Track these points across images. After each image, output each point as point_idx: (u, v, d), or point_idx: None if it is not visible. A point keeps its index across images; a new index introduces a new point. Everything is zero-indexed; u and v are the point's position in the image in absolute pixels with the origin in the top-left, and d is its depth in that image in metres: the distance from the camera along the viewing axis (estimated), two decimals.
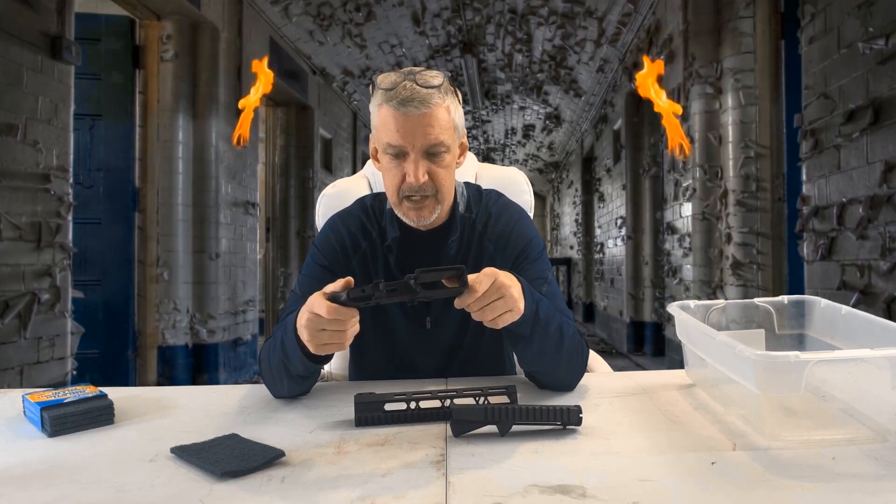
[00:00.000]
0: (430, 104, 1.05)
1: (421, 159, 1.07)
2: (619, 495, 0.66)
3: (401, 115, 1.05)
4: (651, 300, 6.40)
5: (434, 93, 1.06)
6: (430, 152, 1.08)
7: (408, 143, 1.06)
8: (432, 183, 1.09)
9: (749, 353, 0.78)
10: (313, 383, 1.09)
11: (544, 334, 1.01)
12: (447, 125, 1.08)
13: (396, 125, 1.06)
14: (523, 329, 0.99)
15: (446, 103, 1.08)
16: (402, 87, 1.05)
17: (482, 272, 0.93)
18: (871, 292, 2.67)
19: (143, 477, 0.74)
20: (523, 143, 12.72)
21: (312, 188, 7.08)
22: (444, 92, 1.08)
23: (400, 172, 1.09)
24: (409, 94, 1.04)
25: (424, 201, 1.10)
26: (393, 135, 1.07)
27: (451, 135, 1.10)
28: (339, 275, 1.17)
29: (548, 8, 6.20)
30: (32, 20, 3.06)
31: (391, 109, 1.06)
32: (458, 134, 1.13)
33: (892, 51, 2.51)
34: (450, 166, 1.12)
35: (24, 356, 3.03)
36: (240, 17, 5.25)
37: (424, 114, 1.05)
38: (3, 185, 2.91)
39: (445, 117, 1.08)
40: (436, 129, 1.06)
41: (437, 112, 1.06)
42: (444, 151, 1.09)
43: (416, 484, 0.70)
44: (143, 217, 4.53)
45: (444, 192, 1.12)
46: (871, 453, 0.77)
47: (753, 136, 4.10)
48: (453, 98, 1.11)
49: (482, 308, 0.92)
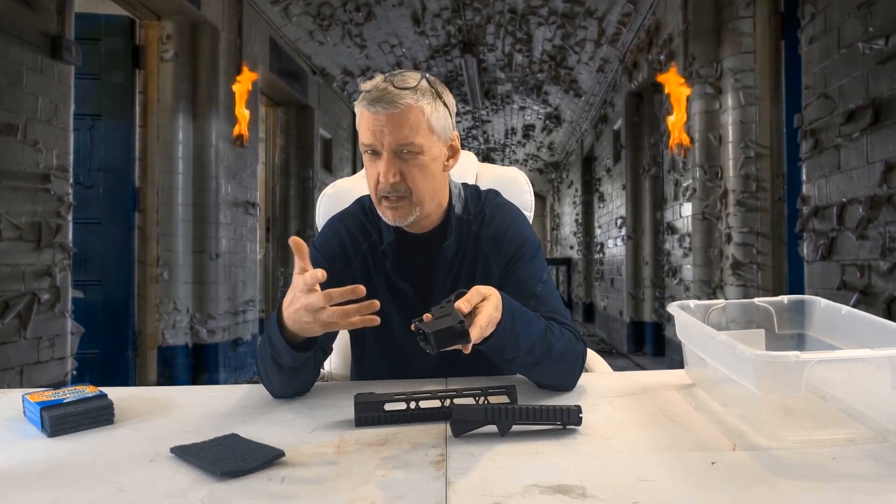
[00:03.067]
0: (398, 104, 1.05)
1: (392, 159, 1.08)
2: (619, 495, 0.66)
3: (371, 114, 1.07)
4: (651, 300, 6.40)
5: (406, 93, 1.06)
6: (400, 152, 1.08)
7: (377, 142, 1.07)
8: (405, 184, 1.09)
9: (749, 353, 0.78)
10: (308, 379, 1.08)
11: (528, 355, 1.01)
12: (419, 126, 1.07)
13: (368, 124, 1.08)
14: (503, 353, 0.99)
15: (420, 104, 1.07)
16: (377, 87, 1.07)
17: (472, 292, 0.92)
18: (871, 292, 2.67)
19: (143, 477, 0.74)
20: (523, 143, 12.72)
21: (312, 188, 7.08)
22: (420, 93, 1.08)
23: (376, 171, 1.10)
24: (381, 94, 1.06)
25: (400, 202, 1.10)
26: (365, 133, 1.09)
27: (425, 136, 1.09)
28: (340, 276, 1.17)
29: (548, 8, 6.20)
30: (32, 20, 3.06)
31: (364, 108, 1.08)
32: (437, 136, 1.11)
33: (892, 51, 2.51)
34: (425, 167, 1.10)
35: (24, 356, 3.03)
36: (240, 17, 5.25)
37: (393, 114, 1.05)
38: (3, 185, 2.91)
39: (418, 118, 1.07)
40: (405, 129, 1.06)
41: (407, 112, 1.06)
42: (417, 152, 1.08)
43: (416, 484, 0.70)
44: (143, 217, 4.53)
45: (420, 194, 1.11)
46: (871, 453, 0.77)
47: (753, 136, 4.11)
48: (433, 100, 1.10)
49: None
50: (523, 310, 1.02)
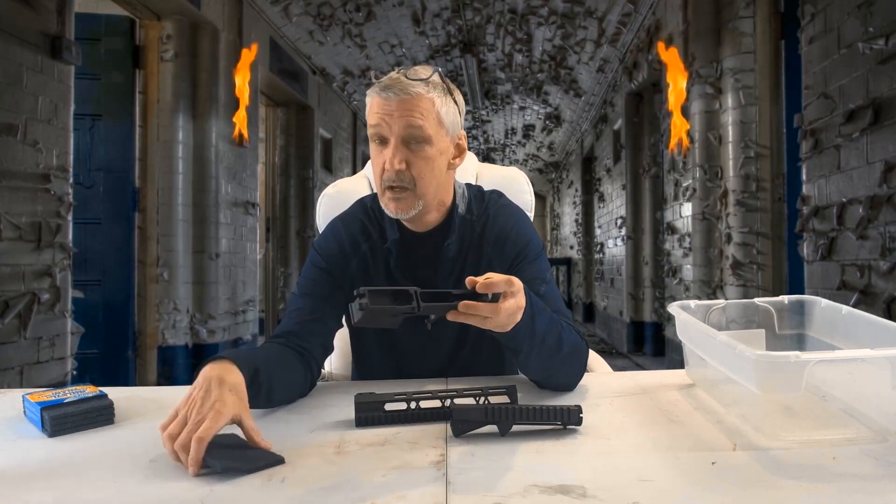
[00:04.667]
0: (410, 92, 1.06)
1: (400, 146, 1.08)
2: (619, 495, 0.66)
3: (382, 99, 1.07)
4: (651, 300, 6.40)
5: (418, 84, 1.07)
6: (408, 140, 1.08)
7: (385, 126, 1.08)
8: (410, 173, 1.09)
9: (749, 353, 0.78)
10: (285, 397, 1.03)
11: (541, 347, 1.01)
12: (429, 114, 1.08)
13: (377, 108, 1.08)
14: (519, 343, 0.99)
15: (431, 95, 1.08)
16: (390, 77, 1.09)
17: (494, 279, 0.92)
18: (871, 292, 2.67)
19: (143, 477, 0.74)
20: (523, 143, 12.72)
21: (312, 188, 7.08)
22: (431, 85, 1.09)
23: (382, 160, 1.10)
24: (393, 82, 1.07)
25: (403, 193, 1.10)
26: (373, 117, 1.09)
27: (434, 126, 1.09)
28: (339, 277, 1.18)
29: (548, 8, 6.20)
30: (32, 20, 3.06)
31: (375, 95, 1.08)
32: (446, 130, 1.12)
33: (892, 51, 2.51)
34: (431, 160, 1.10)
35: (24, 356, 3.03)
36: (240, 17, 5.25)
37: (404, 99, 1.06)
38: (3, 185, 2.91)
39: (428, 107, 1.08)
40: (414, 115, 1.06)
41: (418, 100, 1.07)
42: (424, 142, 1.08)
43: (416, 484, 0.70)
44: (143, 217, 4.53)
45: (423, 186, 1.11)
46: (871, 453, 0.77)
47: (753, 136, 4.10)
48: (444, 94, 1.10)
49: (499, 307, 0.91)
50: (539, 301, 1.03)
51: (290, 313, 1.14)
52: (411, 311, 0.89)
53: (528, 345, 0.99)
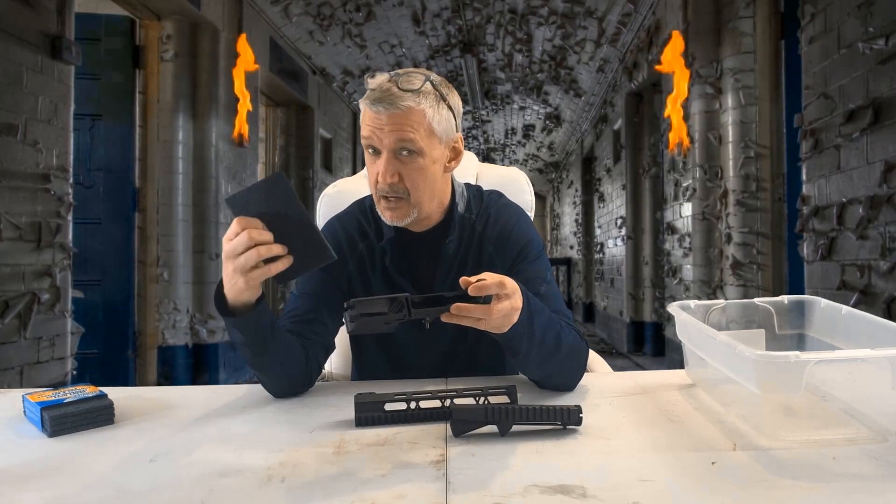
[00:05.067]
0: (399, 106, 1.05)
1: (391, 159, 1.08)
2: (619, 495, 0.66)
3: (373, 112, 1.07)
4: (651, 300, 6.40)
5: (408, 96, 1.06)
6: (399, 152, 1.08)
7: (376, 140, 1.08)
8: (403, 185, 1.09)
9: (749, 353, 0.78)
10: (292, 369, 1.05)
11: (540, 347, 1.01)
12: (420, 126, 1.07)
13: (368, 121, 1.08)
14: (517, 344, 0.99)
15: (422, 107, 1.07)
16: (381, 87, 1.07)
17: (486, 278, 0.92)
18: (871, 292, 2.67)
19: (143, 477, 0.74)
20: (523, 143, 12.72)
21: (312, 188, 7.08)
22: (422, 96, 1.07)
23: (376, 170, 1.10)
24: (383, 94, 1.06)
25: (398, 202, 1.11)
26: (365, 129, 1.09)
27: (425, 138, 1.08)
28: (336, 276, 1.18)
29: (548, 8, 6.20)
30: (32, 20, 3.06)
31: (366, 107, 1.08)
32: (438, 139, 1.11)
33: (892, 51, 2.51)
34: (424, 170, 1.10)
35: (24, 356, 3.03)
36: (240, 17, 5.25)
37: (393, 114, 1.06)
38: (3, 185, 2.91)
39: (419, 119, 1.07)
40: (404, 129, 1.06)
41: (408, 114, 1.06)
42: (416, 154, 1.08)
43: (416, 484, 0.70)
44: (143, 217, 4.53)
45: (418, 196, 1.11)
46: (871, 453, 0.77)
47: (753, 136, 4.10)
48: (436, 102, 1.09)
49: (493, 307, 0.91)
50: (538, 301, 1.03)
51: (288, 313, 1.15)
52: (402, 318, 0.91)
53: (526, 345, 0.99)
